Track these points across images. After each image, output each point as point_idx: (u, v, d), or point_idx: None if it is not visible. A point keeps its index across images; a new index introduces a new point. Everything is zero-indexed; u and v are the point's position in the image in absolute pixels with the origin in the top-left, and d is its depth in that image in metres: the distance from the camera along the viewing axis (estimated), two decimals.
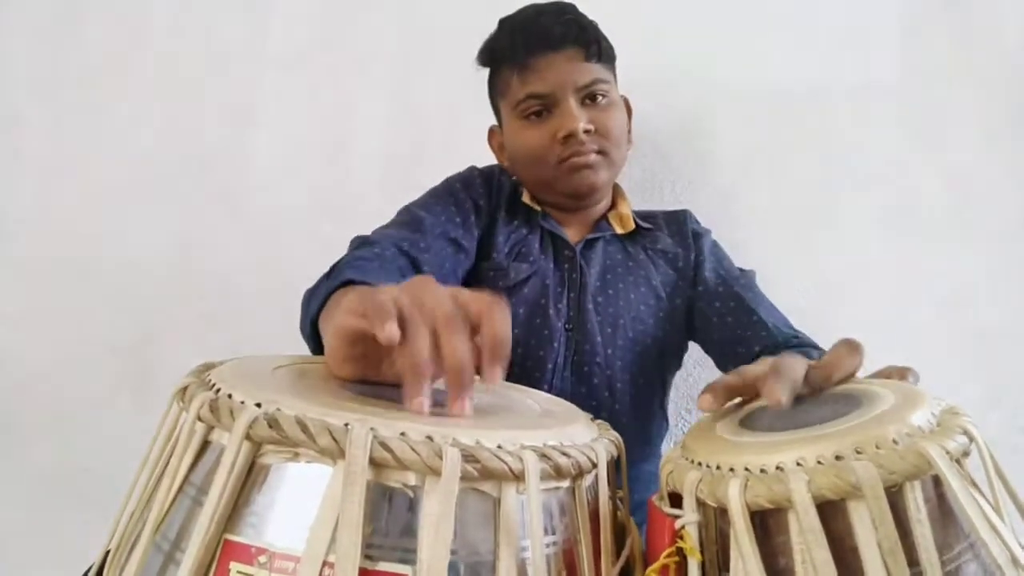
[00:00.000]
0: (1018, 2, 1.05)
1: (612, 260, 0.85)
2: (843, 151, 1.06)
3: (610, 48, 0.83)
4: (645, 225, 0.88)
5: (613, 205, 0.90)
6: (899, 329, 1.01)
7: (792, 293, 1.04)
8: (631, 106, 0.89)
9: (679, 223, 0.89)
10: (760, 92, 1.08)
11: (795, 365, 0.45)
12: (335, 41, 1.17)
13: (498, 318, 0.39)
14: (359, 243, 0.71)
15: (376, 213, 0.85)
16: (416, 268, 0.71)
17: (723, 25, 1.10)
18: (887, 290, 1.02)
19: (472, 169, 0.88)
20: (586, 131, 0.77)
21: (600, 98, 0.80)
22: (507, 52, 0.81)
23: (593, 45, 0.79)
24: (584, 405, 0.72)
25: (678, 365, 0.89)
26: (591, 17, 0.83)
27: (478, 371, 0.39)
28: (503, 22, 0.83)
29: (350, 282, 0.60)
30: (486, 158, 0.92)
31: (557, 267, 0.82)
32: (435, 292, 0.39)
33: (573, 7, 0.82)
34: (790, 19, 1.09)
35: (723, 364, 0.84)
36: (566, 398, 0.75)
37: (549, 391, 0.74)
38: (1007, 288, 1.00)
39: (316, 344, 0.63)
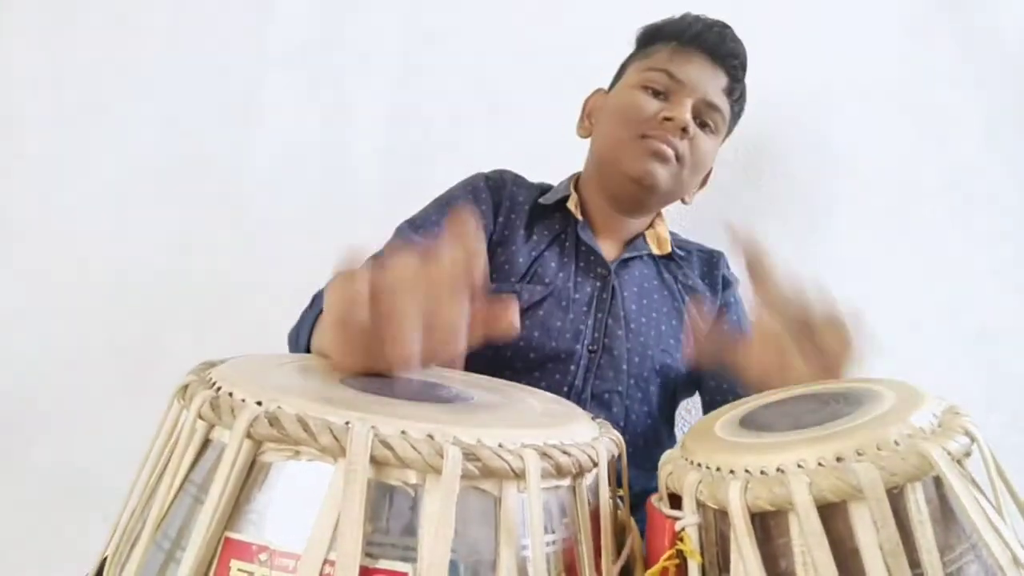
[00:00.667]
0: (1018, 2, 1.05)
1: (649, 285, 0.82)
2: (844, 151, 1.06)
3: (741, 111, 0.86)
4: (679, 252, 0.86)
5: (650, 225, 0.87)
6: (899, 329, 1.01)
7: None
8: (710, 176, 0.89)
9: (712, 265, 0.87)
10: (760, 92, 1.08)
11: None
12: (335, 41, 1.17)
13: (456, 302, 0.42)
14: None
15: (376, 213, 0.85)
16: None
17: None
18: (887, 290, 1.02)
19: (478, 177, 0.84)
20: (684, 128, 0.76)
21: (708, 128, 0.80)
22: (677, 32, 0.81)
23: (738, 84, 0.82)
24: None
25: (689, 396, 0.87)
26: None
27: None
28: (688, 14, 0.83)
29: None
30: (486, 158, 0.91)
31: (587, 284, 0.78)
32: (413, 276, 0.41)
33: (745, 55, 0.84)
34: (790, 19, 1.09)
35: (712, 406, 0.83)
36: None
37: None
38: (1007, 288, 1.00)
39: None
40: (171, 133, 1.18)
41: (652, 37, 0.84)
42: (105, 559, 0.39)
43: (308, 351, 0.62)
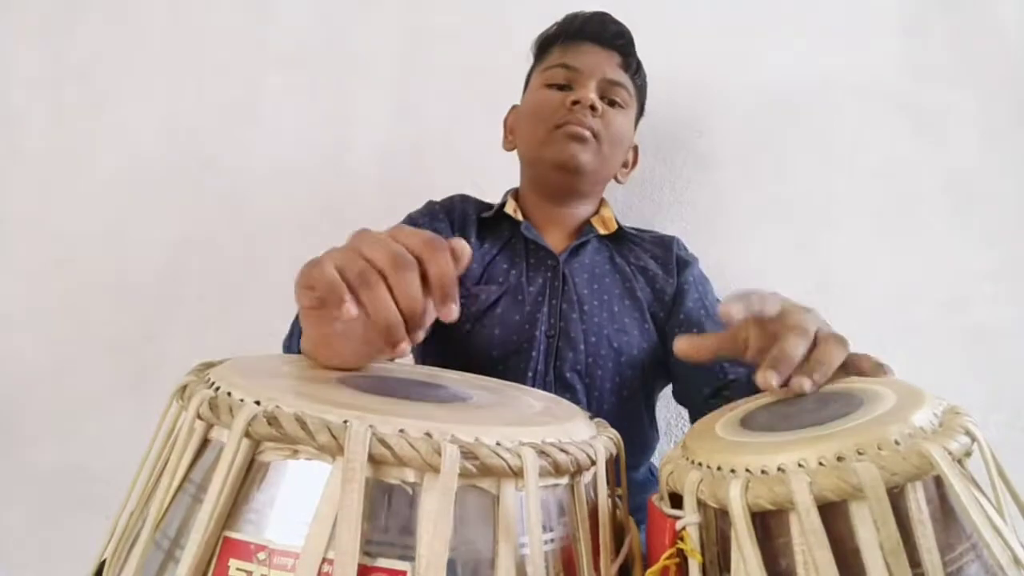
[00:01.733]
0: (1018, 2, 1.05)
1: (600, 269, 0.85)
2: (843, 151, 1.06)
3: (643, 85, 0.90)
4: (630, 232, 0.90)
5: (596, 212, 0.91)
6: (899, 329, 1.01)
7: (792, 293, 1.03)
8: (639, 156, 0.93)
9: (665, 247, 0.89)
10: (760, 92, 1.08)
11: (794, 350, 0.45)
12: (335, 41, 1.17)
13: (440, 256, 0.41)
14: None
15: (376, 213, 0.85)
16: None
17: (723, 25, 1.10)
18: (887, 290, 1.02)
19: (431, 203, 0.90)
20: (592, 107, 0.80)
21: (617, 103, 0.84)
22: (563, 31, 0.87)
23: (632, 59, 0.86)
24: None
25: (665, 380, 0.87)
26: None
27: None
28: (569, 13, 0.88)
29: None
30: (486, 158, 0.92)
31: (538, 276, 0.83)
32: (375, 240, 0.41)
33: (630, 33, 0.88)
34: (790, 19, 1.09)
35: (681, 395, 0.84)
36: None
37: None
38: (1007, 288, 1.00)
39: None
40: (171, 133, 1.18)
41: (544, 44, 0.90)
42: (105, 558, 0.39)
43: None
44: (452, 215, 0.88)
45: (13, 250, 1.17)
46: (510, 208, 0.88)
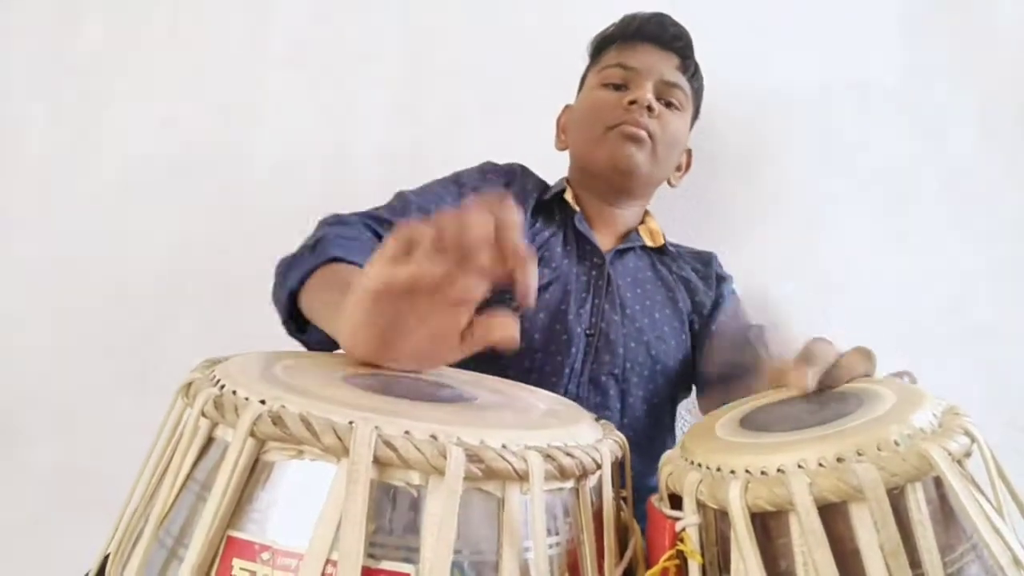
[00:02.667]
0: (1018, 2, 1.05)
1: (643, 275, 0.85)
2: (843, 151, 1.06)
3: (700, 87, 0.90)
4: (672, 248, 0.90)
5: (643, 222, 0.91)
6: (899, 329, 1.01)
7: (792, 293, 1.04)
8: (692, 160, 0.93)
9: (705, 263, 0.90)
10: (760, 92, 1.08)
11: (825, 350, 0.47)
12: (335, 41, 1.17)
13: (509, 215, 0.40)
14: (333, 221, 0.71)
15: None
16: None
17: (723, 25, 1.10)
18: (887, 290, 1.02)
19: (487, 164, 0.88)
20: (649, 107, 0.80)
21: (674, 105, 0.84)
22: (620, 32, 0.87)
23: (691, 62, 0.86)
24: (596, 414, 0.72)
25: (688, 391, 0.87)
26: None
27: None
28: (627, 15, 0.88)
29: (335, 260, 0.60)
30: (486, 158, 0.91)
31: (583, 272, 0.82)
32: (457, 218, 0.40)
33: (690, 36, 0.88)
34: (790, 19, 1.09)
35: (706, 403, 0.84)
36: (581, 404, 0.75)
37: (564, 395, 0.74)
38: (1007, 288, 1.00)
39: (288, 315, 0.64)
40: (171, 133, 1.18)
41: (600, 45, 0.90)
42: (107, 556, 0.39)
43: (291, 297, 0.61)
44: (510, 182, 0.86)
45: (13, 250, 1.17)
46: (569, 196, 0.87)
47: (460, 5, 1.16)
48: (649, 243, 0.88)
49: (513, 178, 0.87)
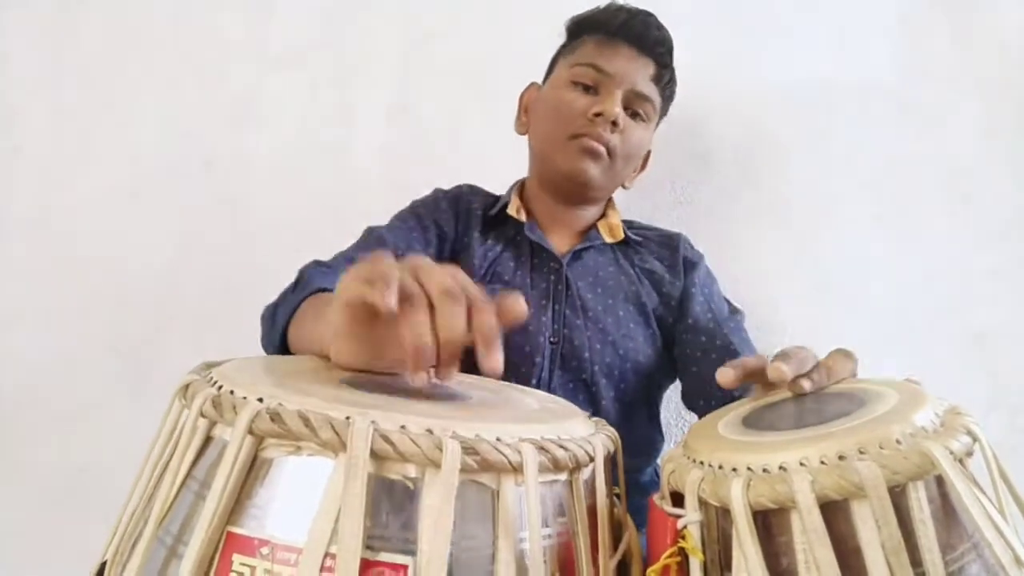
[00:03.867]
0: (1018, 2, 1.05)
1: (604, 272, 0.83)
2: (843, 151, 1.06)
3: (671, 95, 0.87)
4: (635, 238, 0.88)
5: (603, 215, 0.89)
6: (899, 329, 1.01)
7: (792, 293, 1.04)
8: (648, 161, 0.92)
9: (671, 247, 0.88)
10: (760, 92, 1.08)
11: (803, 353, 0.46)
12: (335, 41, 1.17)
13: (488, 306, 0.40)
14: (311, 265, 0.72)
15: (376, 213, 0.85)
16: None
17: (723, 25, 1.10)
18: (887, 290, 1.02)
19: (437, 191, 0.88)
20: (614, 123, 0.78)
21: (639, 116, 0.82)
22: (601, 24, 0.83)
23: (667, 71, 0.83)
24: None
25: (669, 382, 0.87)
26: None
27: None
28: (612, 4, 0.85)
29: (321, 291, 0.61)
30: (486, 158, 0.92)
31: (540, 279, 0.81)
32: (431, 268, 0.40)
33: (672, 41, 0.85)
34: (790, 19, 1.09)
35: (691, 398, 0.82)
36: None
37: None
38: (1007, 288, 1.00)
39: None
40: (171, 133, 1.18)
41: (579, 29, 0.85)
42: (107, 556, 0.39)
43: (283, 336, 0.62)
44: (458, 207, 0.86)
45: (13, 250, 1.17)
46: (513, 209, 0.85)
47: (460, 5, 1.16)
48: (608, 239, 0.86)
49: (460, 202, 0.86)
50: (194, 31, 1.20)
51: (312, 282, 0.63)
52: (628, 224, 0.89)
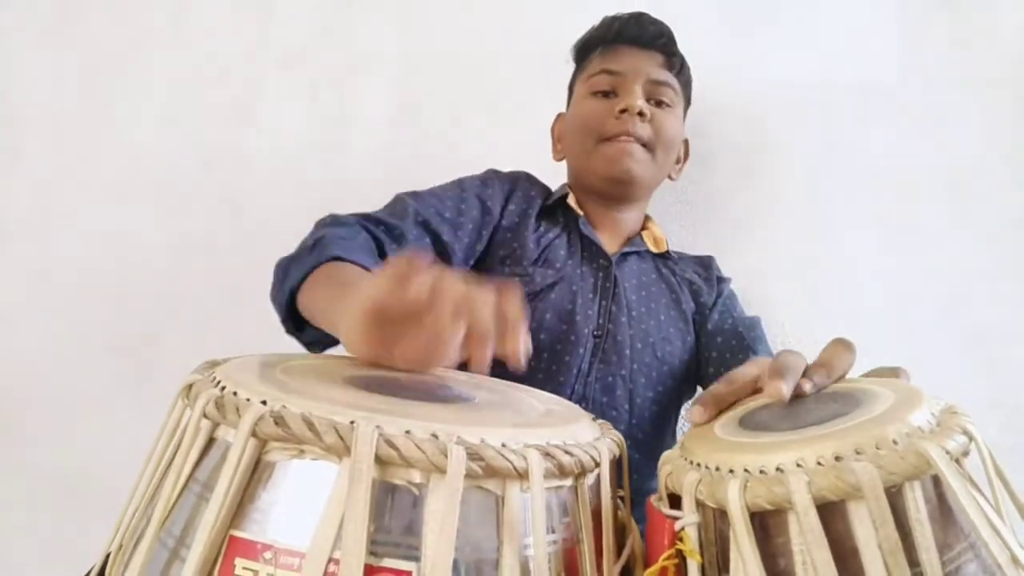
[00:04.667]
0: (1018, 2, 1.05)
1: (648, 278, 0.86)
2: (843, 151, 1.06)
3: (689, 80, 0.89)
4: (675, 253, 0.91)
5: (646, 227, 0.92)
6: (899, 329, 1.01)
7: (792, 293, 1.04)
8: (690, 149, 0.93)
9: (706, 266, 0.92)
10: (760, 92, 1.08)
11: (795, 360, 0.46)
12: (335, 41, 1.17)
13: (513, 300, 0.41)
14: (331, 222, 0.71)
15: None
16: (381, 252, 0.70)
17: (723, 25, 1.10)
18: (887, 290, 1.02)
19: (490, 171, 0.88)
20: (641, 113, 0.80)
21: (664, 103, 0.84)
22: (598, 38, 0.86)
23: (675, 58, 0.85)
24: (605, 415, 0.71)
25: (692, 392, 0.88)
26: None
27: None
28: (606, 17, 0.88)
29: (335, 259, 0.60)
30: (486, 158, 0.92)
31: (589, 273, 0.82)
32: (454, 278, 0.42)
33: (672, 33, 0.87)
34: (790, 18, 1.09)
35: None
36: (588, 405, 0.76)
37: (571, 396, 0.75)
38: (1007, 288, 1.00)
39: (287, 314, 0.64)
40: (171, 133, 1.18)
41: (584, 49, 0.89)
42: (108, 556, 0.39)
43: (292, 295, 0.62)
44: (512, 190, 0.86)
45: (13, 250, 1.17)
46: (572, 200, 0.87)
47: (460, 5, 1.16)
48: (653, 249, 0.89)
49: (516, 185, 0.87)
50: (194, 31, 1.20)
51: (328, 248, 0.63)
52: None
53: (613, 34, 0.84)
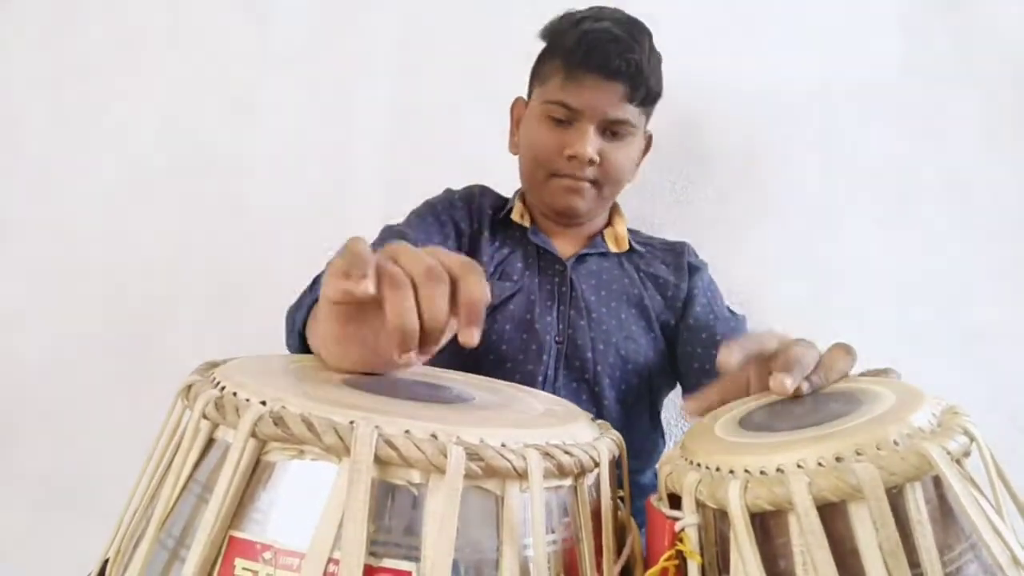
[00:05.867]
0: (1018, 2, 1.05)
1: (608, 276, 0.85)
2: (843, 151, 1.06)
3: (657, 92, 0.84)
4: (639, 248, 0.89)
5: (609, 223, 0.90)
6: (899, 329, 1.01)
7: (791, 293, 1.04)
8: (652, 143, 0.90)
9: (676, 254, 0.89)
10: (760, 92, 1.09)
11: (806, 354, 0.46)
12: (335, 41, 1.17)
13: (473, 279, 0.40)
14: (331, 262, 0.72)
15: (376, 213, 0.85)
16: None
17: (723, 24, 1.10)
18: (887, 290, 1.02)
19: (450, 191, 0.89)
20: (591, 161, 0.79)
21: (620, 136, 0.81)
22: (565, 49, 0.80)
23: (640, 89, 0.79)
24: None
25: (670, 386, 0.87)
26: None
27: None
28: (578, 14, 0.82)
29: None
30: (486, 157, 0.92)
31: (546, 281, 0.82)
32: (411, 251, 0.40)
33: (646, 42, 0.81)
34: (790, 18, 1.09)
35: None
36: None
37: None
38: (1007, 288, 1.00)
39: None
40: (171, 133, 1.18)
41: (549, 46, 0.84)
42: (108, 557, 0.39)
43: (302, 335, 0.62)
44: (471, 206, 0.87)
45: (13, 250, 1.17)
46: (517, 214, 0.87)
47: (460, 5, 1.16)
48: (614, 248, 0.87)
49: (472, 201, 0.88)
50: (194, 31, 1.20)
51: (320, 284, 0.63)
52: (633, 233, 0.90)
53: (577, 61, 0.78)
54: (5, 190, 1.18)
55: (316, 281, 0.66)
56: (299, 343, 0.63)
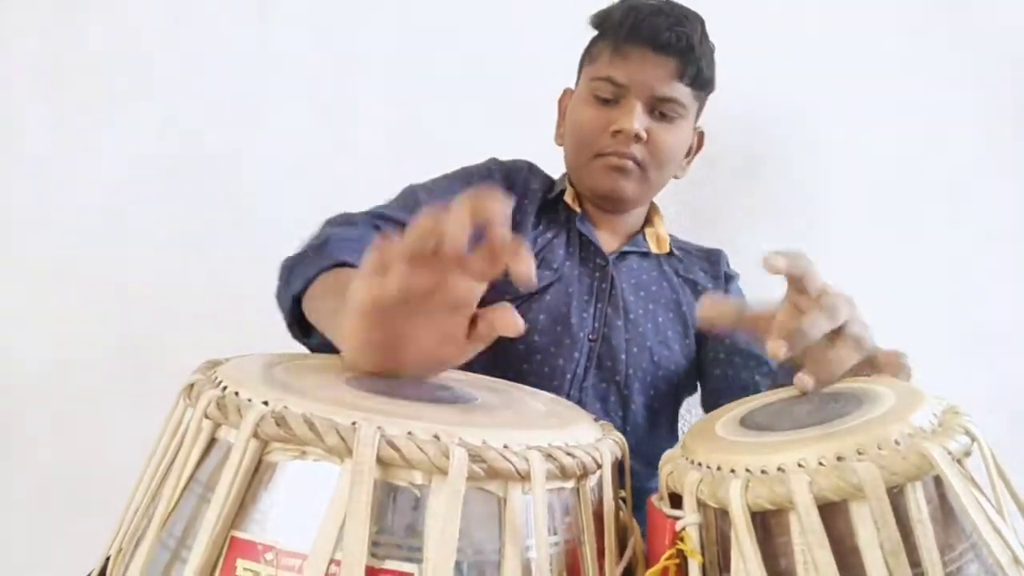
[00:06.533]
0: (1018, 2, 1.05)
1: (648, 277, 0.83)
2: (843, 151, 1.06)
3: (709, 80, 0.81)
4: (679, 253, 0.87)
5: (650, 223, 0.88)
6: (899, 329, 1.01)
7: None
8: (704, 142, 0.88)
9: (714, 262, 0.88)
10: (760, 92, 1.09)
11: (821, 323, 0.45)
12: (335, 41, 1.17)
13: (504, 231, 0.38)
14: (339, 221, 0.70)
15: None
16: None
17: (723, 24, 1.10)
18: (887, 290, 1.02)
19: (492, 161, 0.85)
20: (637, 136, 0.75)
21: (669, 117, 0.78)
22: (614, 25, 0.78)
23: (691, 67, 0.77)
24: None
25: (691, 393, 0.86)
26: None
27: None
28: (623, 4, 0.79)
29: (341, 264, 0.58)
30: (485, 157, 0.91)
31: (586, 274, 0.80)
32: (434, 220, 0.38)
33: (698, 24, 0.79)
34: (790, 19, 1.09)
35: (712, 402, 0.82)
36: None
37: None
38: (1008, 288, 1.00)
39: (292, 317, 0.62)
40: (171, 133, 1.18)
41: (599, 28, 0.82)
42: (109, 557, 0.39)
43: (297, 299, 0.60)
44: (514, 181, 0.83)
45: (13, 250, 1.17)
46: (569, 196, 0.84)
47: (460, 4, 1.16)
48: (655, 249, 0.86)
49: (518, 176, 0.84)
50: (194, 31, 1.20)
51: (334, 252, 0.60)
52: (671, 238, 0.89)
53: (627, 33, 0.76)
54: (5, 190, 1.18)
55: (324, 244, 0.63)
56: (291, 306, 0.61)
